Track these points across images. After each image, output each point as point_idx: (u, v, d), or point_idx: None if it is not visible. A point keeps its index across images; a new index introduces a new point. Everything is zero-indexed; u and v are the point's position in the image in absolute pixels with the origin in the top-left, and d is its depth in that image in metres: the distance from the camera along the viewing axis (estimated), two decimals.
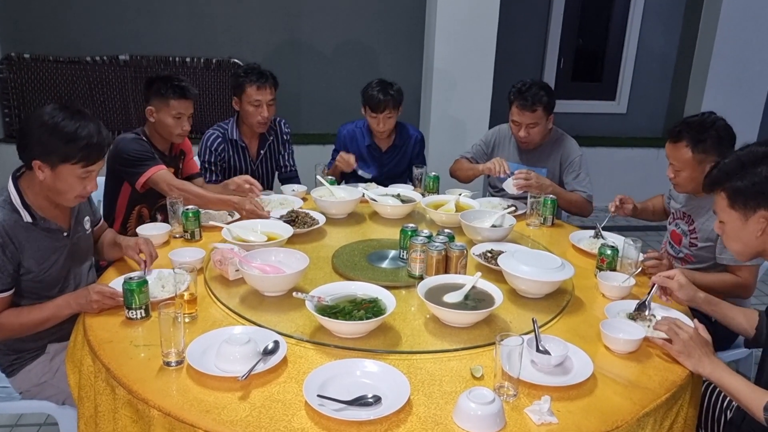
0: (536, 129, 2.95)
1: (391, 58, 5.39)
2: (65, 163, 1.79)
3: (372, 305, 1.76)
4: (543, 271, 1.94)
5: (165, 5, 5.03)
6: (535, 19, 5.77)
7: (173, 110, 2.59)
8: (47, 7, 4.85)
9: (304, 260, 1.98)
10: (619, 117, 6.13)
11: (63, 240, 1.95)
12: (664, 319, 1.70)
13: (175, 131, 2.63)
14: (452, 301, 1.82)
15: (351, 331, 1.66)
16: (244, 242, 2.22)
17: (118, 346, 1.61)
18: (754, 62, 5.37)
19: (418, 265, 2.06)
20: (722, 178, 1.63)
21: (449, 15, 4.41)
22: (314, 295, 1.76)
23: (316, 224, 2.51)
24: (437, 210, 2.67)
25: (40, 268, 1.87)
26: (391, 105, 3.17)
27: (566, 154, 3.03)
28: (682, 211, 2.46)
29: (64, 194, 1.85)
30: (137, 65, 4.89)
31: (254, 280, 1.91)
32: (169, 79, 2.61)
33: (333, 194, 2.79)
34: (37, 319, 1.82)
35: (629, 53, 5.95)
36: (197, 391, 1.42)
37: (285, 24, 5.22)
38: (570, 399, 1.45)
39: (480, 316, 1.76)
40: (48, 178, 1.81)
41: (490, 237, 2.39)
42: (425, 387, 1.47)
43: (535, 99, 2.88)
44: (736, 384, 1.52)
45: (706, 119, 2.26)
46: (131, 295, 1.71)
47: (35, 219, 1.85)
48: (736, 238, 1.66)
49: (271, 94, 3.02)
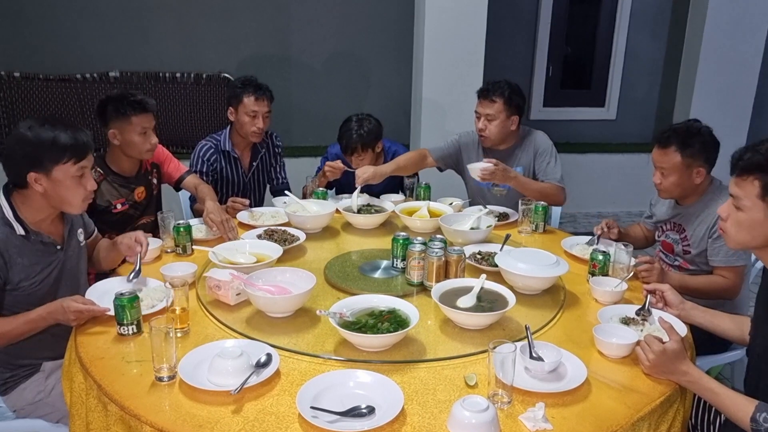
0: (494, 123, 2.92)
1: (380, 69, 5.42)
2: (58, 164, 1.82)
3: (392, 316, 1.76)
4: (539, 267, 2.02)
5: (154, 21, 5.05)
6: (522, 27, 5.82)
7: (137, 127, 2.50)
8: (37, 26, 4.86)
9: (311, 279, 1.92)
10: (609, 123, 6.16)
11: (56, 254, 1.95)
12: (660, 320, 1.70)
13: (143, 148, 2.55)
14: (467, 304, 1.84)
15: (378, 344, 1.65)
16: (234, 264, 2.15)
17: (109, 362, 1.60)
18: (741, 66, 5.42)
19: (417, 273, 2.07)
20: (762, 167, 1.51)
21: (437, 26, 4.43)
22: (336, 312, 1.73)
23: (297, 240, 2.46)
24: (411, 216, 2.69)
25: (31, 282, 1.87)
26: (359, 148, 3.10)
27: (537, 146, 3.01)
28: (671, 222, 2.48)
29: (69, 199, 1.88)
30: (128, 82, 4.88)
31: (263, 302, 1.85)
32: (123, 97, 2.51)
33: (305, 209, 2.76)
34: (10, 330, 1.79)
35: (617, 59, 6.00)
36: (190, 406, 1.41)
37: (275, 37, 5.25)
38: (564, 405, 1.45)
39: (497, 317, 1.79)
40: (48, 188, 1.83)
41: (470, 239, 2.45)
42: (419, 396, 1.47)
43: (495, 90, 2.90)
44: (717, 391, 1.52)
45: (692, 126, 2.31)
46: (122, 311, 1.70)
47: (28, 232, 1.86)
48: (749, 229, 1.57)
49: (268, 107, 3.03)
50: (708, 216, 2.31)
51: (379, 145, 3.21)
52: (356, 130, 3.09)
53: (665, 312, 1.86)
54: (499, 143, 3.02)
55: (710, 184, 2.37)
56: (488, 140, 2.99)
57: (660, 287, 1.91)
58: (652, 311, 1.86)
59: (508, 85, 2.94)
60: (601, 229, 2.51)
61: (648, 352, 1.56)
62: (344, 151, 3.16)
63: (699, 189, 2.35)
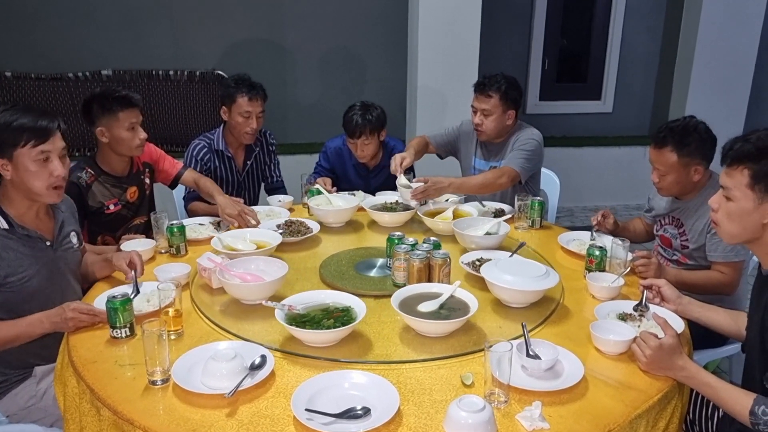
0: (490, 118, 2.90)
1: (375, 64, 5.40)
2: (16, 148, 1.81)
3: (343, 314, 1.75)
4: (526, 279, 1.88)
5: (147, 19, 5.00)
6: (518, 21, 5.79)
7: (125, 122, 2.48)
8: (28, 25, 4.82)
9: (284, 268, 1.97)
10: (606, 116, 6.15)
11: (45, 250, 1.93)
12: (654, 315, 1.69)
13: (133, 144, 2.53)
14: (426, 310, 1.78)
15: (319, 340, 1.65)
16: (232, 251, 2.22)
17: (102, 366, 1.59)
18: (737, 59, 5.41)
19: (401, 274, 2.03)
20: (750, 155, 1.53)
21: (431, 20, 4.41)
22: (285, 304, 1.75)
23: (309, 233, 2.51)
24: (434, 218, 2.64)
25: (17, 277, 1.85)
26: (368, 131, 3.10)
27: (518, 139, 2.94)
28: (670, 216, 2.47)
29: (35, 185, 1.85)
30: (120, 80, 4.84)
31: (233, 288, 1.91)
32: (108, 93, 2.49)
33: (330, 202, 2.78)
34: (6, 337, 1.78)
35: (613, 53, 5.97)
36: (183, 410, 1.40)
37: (269, 34, 5.21)
38: (561, 403, 1.44)
39: (453, 325, 1.72)
40: (13, 174, 1.83)
41: (482, 245, 2.34)
42: (415, 396, 1.45)
43: (491, 85, 2.87)
44: (715, 386, 1.51)
45: (689, 123, 2.28)
46: (115, 314, 1.68)
47: (12, 226, 1.86)
48: (739, 219, 1.58)
49: (261, 107, 3.01)
50: (707, 211, 2.28)
51: (383, 133, 3.21)
52: (363, 115, 3.10)
53: (661, 307, 1.85)
54: (495, 137, 3.00)
55: (709, 178, 2.35)
56: (484, 135, 2.98)
57: (657, 282, 1.90)
58: (649, 306, 1.85)
59: (504, 78, 2.91)
60: (597, 220, 2.50)
61: (645, 349, 1.55)
62: (351, 134, 3.14)
63: (698, 185, 2.34)
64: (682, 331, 1.72)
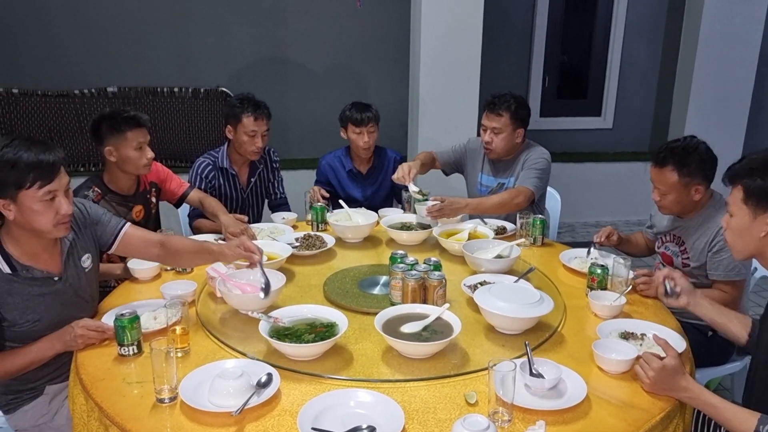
0: (500, 136, 2.96)
1: (377, 81, 5.44)
2: (21, 190, 1.68)
3: (326, 329, 1.78)
4: (518, 306, 1.84)
5: (151, 37, 5.07)
6: (518, 38, 5.84)
7: (133, 142, 2.50)
8: (35, 42, 4.88)
9: (281, 279, 2.02)
10: (606, 132, 6.18)
11: (54, 286, 1.85)
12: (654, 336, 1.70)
13: (140, 162, 2.56)
14: (409, 331, 1.78)
15: (298, 354, 1.68)
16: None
17: (110, 383, 1.60)
18: (737, 74, 5.43)
19: (397, 293, 2.03)
20: (744, 173, 1.65)
21: (433, 38, 4.45)
22: (272, 316, 1.78)
23: (324, 246, 2.57)
24: (448, 239, 2.63)
25: (26, 319, 1.79)
26: (373, 119, 3.26)
27: (528, 158, 3.01)
28: (671, 234, 2.49)
29: (41, 226, 1.73)
30: (125, 97, 4.90)
31: (231, 298, 1.96)
32: (117, 114, 2.53)
33: (350, 218, 2.84)
34: (20, 365, 1.78)
35: (613, 69, 6.02)
36: (191, 428, 1.42)
37: (271, 51, 5.27)
38: (565, 422, 1.45)
39: (434, 347, 1.71)
40: (17, 215, 1.71)
41: (490, 268, 2.32)
42: (419, 415, 1.47)
43: (502, 104, 2.94)
44: (718, 406, 1.52)
45: (689, 144, 2.31)
46: (123, 332, 1.70)
47: (15, 270, 1.77)
48: (739, 234, 1.68)
49: (266, 125, 3.06)
50: (708, 229, 2.31)
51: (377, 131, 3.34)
52: (367, 106, 3.29)
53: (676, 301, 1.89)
54: (504, 155, 3.05)
55: (710, 198, 2.37)
56: (494, 152, 3.03)
57: (673, 274, 1.92)
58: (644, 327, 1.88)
59: (513, 98, 2.98)
60: (600, 240, 2.52)
61: (648, 370, 1.57)
62: (359, 122, 3.25)
63: (699, 204, 2.36)
64: (683, 350, 1.73)
